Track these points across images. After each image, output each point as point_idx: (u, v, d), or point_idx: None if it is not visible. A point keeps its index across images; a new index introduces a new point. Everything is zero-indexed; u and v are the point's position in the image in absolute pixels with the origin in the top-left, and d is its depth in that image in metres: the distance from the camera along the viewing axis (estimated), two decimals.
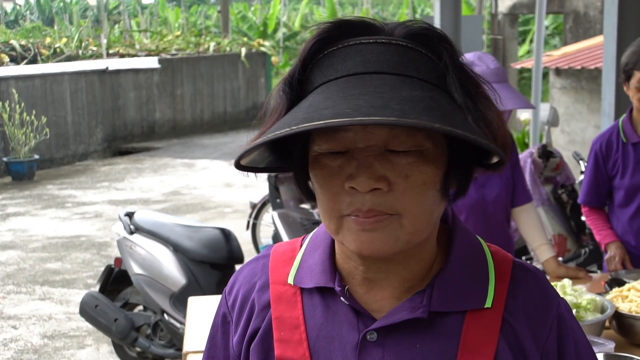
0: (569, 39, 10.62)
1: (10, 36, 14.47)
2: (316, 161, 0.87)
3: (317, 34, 0.87)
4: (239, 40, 16.30)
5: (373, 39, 0.85)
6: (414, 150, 0.84)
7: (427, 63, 0.85)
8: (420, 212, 0.86)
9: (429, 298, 0.90)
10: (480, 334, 0.90)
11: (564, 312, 0.96)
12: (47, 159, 10.99)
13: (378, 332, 0.91)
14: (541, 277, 0.97)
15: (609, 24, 4.16)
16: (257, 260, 1.03)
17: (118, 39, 16.06)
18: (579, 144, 8.52)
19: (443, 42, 0.86)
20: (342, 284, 0.94)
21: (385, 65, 0.84)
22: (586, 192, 2.98)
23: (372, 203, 0.84)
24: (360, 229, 0.85)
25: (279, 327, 0.95)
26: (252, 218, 5.98)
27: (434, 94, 0.82)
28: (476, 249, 0.96)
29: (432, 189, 0.86)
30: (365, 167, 0.83)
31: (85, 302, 3.99)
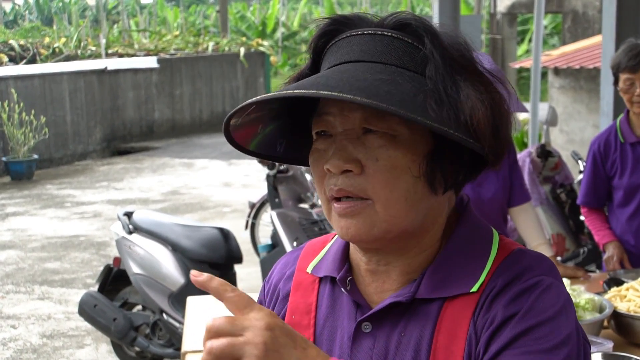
0: (567, 39, 10.62)
1: (9, 36, 14.47)
2: (313, 146, 0.92)
3: (320, 30, 0.92)
4: (237, 40, 16.31)
5: (361, 31, 0.90)
6: (387, 134, 0.86)
7: (410, 50, 0.88)
8: (392, 197, 0.87)
9: (418, 285, 0.91)
10: (456, 318, 0.89)
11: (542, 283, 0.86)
12: (46, 158, 10.99)
13: (372, 323, 0.92)
14: (536, 257, 0.91)
15: (608, 23, 4.17)
16: (294, 251, 1.08)
17: (117, 39, 16.06)
18: (577, 144, 8.53)
19: (426, 30, 0.88)
20: (347, 275, 0.96)
21: (367, 54, 0.88)
22: (585, 192, 2.98)
23: (343, 183, 0.87)
24: (338, 215, 0.89)
25: (292, 311, 0.99)
26: (251, 218, 5.98)
27: (401, 79, 0.85)
28: (482, 238, 0.93)
29: (406, 175, 0.87)
30: (338, 150, 0.87)
31: (84, 302, 3.99)
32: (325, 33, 0.92)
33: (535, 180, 4.29)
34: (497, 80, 0.93)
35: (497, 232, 0.97)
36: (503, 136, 0.89)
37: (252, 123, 0.94)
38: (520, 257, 0.91)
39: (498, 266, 0.90)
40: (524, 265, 0.89)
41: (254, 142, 0.96)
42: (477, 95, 0.86)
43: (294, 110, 0.95)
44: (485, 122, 0.86)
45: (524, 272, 0.88)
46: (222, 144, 12.44)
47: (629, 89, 2.71)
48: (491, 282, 0.89)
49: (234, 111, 0.89)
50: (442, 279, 0.90)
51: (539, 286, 0.87)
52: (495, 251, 0.92)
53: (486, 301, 0.87)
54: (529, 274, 0.88)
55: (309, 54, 0.94)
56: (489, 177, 2.70)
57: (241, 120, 0.91)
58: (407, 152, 0.86)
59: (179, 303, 3.73)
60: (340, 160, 0.86)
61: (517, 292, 0.86)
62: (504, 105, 0.91)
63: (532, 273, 0.88)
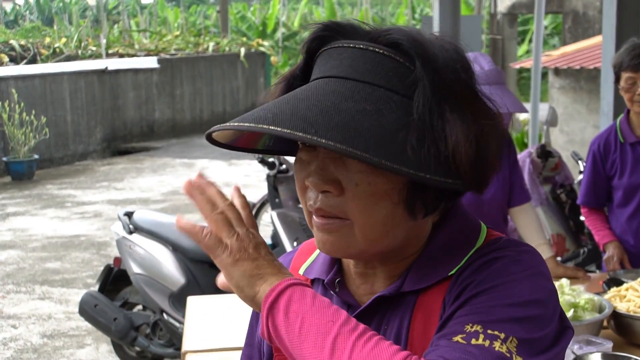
0: (568, 39, 10.62)
1: (9, 36, 14.48)
2: (298, 153, 0.92)
3: (311, 35, 0.92)
4: (238, 40, 16.31)
5: (353, 44, 0.88)
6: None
7: (400, 71, 0.85)
8: (371, 223, 0.86)
9: (402, 280, 0.92)
10: (429, 303, 0.89)
11: (506, 254, 0.87)
12: (46, 158, 10.99)
13: (361, 321, 0.92)
14: (516, 241, 0.91)
15: (608, 23, 4.17)
16: (288, 254, 1.09)
17: (117, 39, 16.06)
18: (577, 144, 8.52)
19: (418, 53, 0.85)
20: (336, 277, 0.97)
21: (356, 72, 0.86)
22: (585, 192, 2.98)
23: (322, 203, 0.87)
24: (317, 229, 0.90)
25: None
26: None
27: (385, 107, 0.83)
28: (469, 232, 0.93)
29: (385, 202, 0.86)
30: (320, 169, 0.87)
31: (85, 302, 3.99)
32: (318, 38, 0.91)
33: (536, 180, 4.29)
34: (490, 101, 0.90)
35: (485, 227, 0.96)
36: (486, 166, 0.87)
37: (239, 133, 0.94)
38: (498, 242, 0.90)
39: (475, 251, 0.90)
40: (500, 245, 0.89)
41: (261, 142, 0.97)
42: (463, 129, 0.83)
43: None
44: (467, 157, 0.83)
45: (497, 248, 0.88)
46: None
47: (630, 88, 2.71)
48: (465, 265, 0.88)
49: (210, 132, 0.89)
50: (425, 272, 0.91)
51: (506, 256, 0.86)
52: (482, 242, 0.92)
53: (457, 282, 0.87)
54: (502, 249, 0.88)
55: (302, 55, 0.94)
56: None
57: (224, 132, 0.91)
58: (387, 181, 0.85)
59: (179, 303, 3.73)
60: (320, 181, 0.86)
61: (482, 263, 0.86)
62: (494, 134, 0.87)
63: (506, 248, 0.88)
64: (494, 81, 2.58)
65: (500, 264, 0.86)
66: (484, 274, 0.86)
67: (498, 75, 2.62)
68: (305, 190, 0.90)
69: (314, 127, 0.80)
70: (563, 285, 2.12)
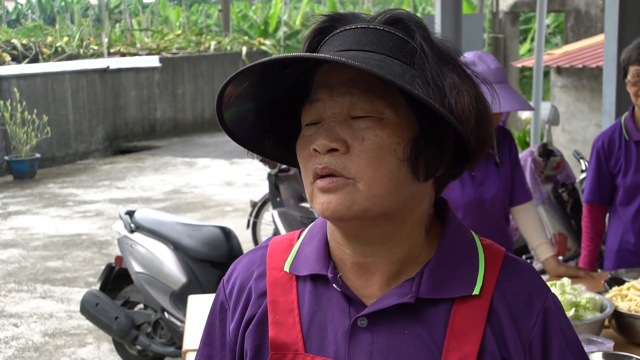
0: (570, 38, 10.61)
1: (11, 35, 14.48)
2: (300, 136, 0.95)
3: (316, 27, 0.96)
4: (239, 39, 16.30)
5: (354, 26, 0.93)
6: (373, 117, 0.89)
7: (400, 43, 0.91)
8: (376, 177, 0.89)
9: (418, 285, 0.93)
10: (467, 321, 0.92)
11: (551, 305, 0.96)
12: (48, 157, 11.00)
13: (368, 318, 0.93)
14: (531, 271, 0.98)
15: (610, 22, 4.16)
16: (255, 250, 1.07)
17: (119, 38, 16.07)
18: (579, 143, 8.51)
19: (417, 25, 0.92)
20: (335, 272, 0.97)
21: (359, 44, 0.91)
22: (589, 190, 2.96)
23: (328, 162, 0.89)
24: (320, 191, 0.90)
25: (274, 310, 0.98)
26: (253, 217, 5.98)
27: (390, 62, 0.89)
28: (468, 240, 0.97)
29: (391, 156, 0.89)
30: (325, 130, 0.90)
31: (86, 301, 3.99)
32: (321, 30, 0.95)
33: (537, 179, 4.28)
34: (484, 83, 0.96)
35: (474, 233, 1.01)
36: (485, 128, 0.92)
37: (243, 112, 0.96)
38: (516, 267, 0.97)
39: (499, 275, 0.95)
40: (529, 281, 0.97)
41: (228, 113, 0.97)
42: (462, 85, 0.90)
43: (283, 104, 0.97)
44: (468, 109, 0.89)
45: (532, 290, 0.96)
46: (224, 143, 12.44)
47: (636, 82, 2.70)
48: (499, 292, 0.94)
49: (234, 75, 0.92)
50: (441, 278, 0.93)
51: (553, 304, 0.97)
52: (482, 252, 0.97)
53: (502, 315, 0.93)
54: (539, 294, 0.96)
55: (303, 48, 0.96)
56: (490, 177, 2.70)
57: (233, 100, 0.94)
58: (392, 135, 0.89)
59: (181, 302, 3.73)
60: (326, 140, 0.89)
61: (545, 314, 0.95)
62: (487, 102, 0.94)
63: (540, 288, 0.97)
64: (501, 79, 2.61)
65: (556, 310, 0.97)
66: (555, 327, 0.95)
67: (503, 73, 2.65)
68: (309, 160, 0.92)
69: (336, 56, 0.85)
70: (564, 284, 2.12)
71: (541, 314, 0.94)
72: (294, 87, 0.95)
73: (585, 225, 2.99)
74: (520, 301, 0.94)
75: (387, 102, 0.89)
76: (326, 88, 0.91)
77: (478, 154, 0.93)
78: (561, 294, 2.06)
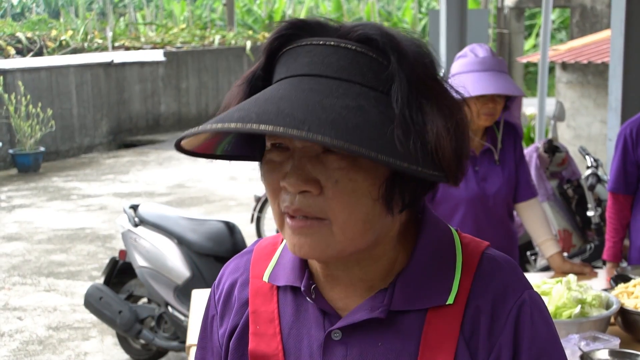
0: (575, 33, 10.57)
1: (16, 29, 14.48)
2: (266, 155, 0.89)
3: (275, 33, 0.88)
4: (244, 34, 16.29)
5: (323, 41, 0.85)
6: (348, 157, 0.83)
7: (375, 68, 0.84)
8: (351, 220, 0.85)
9: (390, 297, 0.90)
10: (441, 331, 0.89)
11: (526, 302, 0.91)
12: (52, 151, 11.02)
13: (342, 331, 0.92)
14: (508, 268, 0.93)
15: (617, 18, 4.13)
16: (242, 255, 1.05)
17: (123, 32, 16.06)
18: (584, 139, 8.49)
19: (392, 48, 0.84)
20: (310, 283, 0.94)
21: (329, 69, 0.84)
22: (614, 179, 2.88)
23: (300, 203, 0.84)
24: (292, 232, 0.86)
25: (255, 320, 0.97)
26: (257, 211, 5.98)
27: (366, 103, 0.81)
28: (445, 243, 0.94)
29: (366, 198, 0.85)
30: (297, 169, 0.84)
31: (90, 294, 4.00)
32: (282, 36, 0.87)
33: (542, 175, 4.27)
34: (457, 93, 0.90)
35: (455, 231, 0.96)
36: (463, 157, 0.87)
37: (210, 137, 0.91)
38: (492, 268, 0.92)
39: (473, 279, 0.91)
40: (503, 282, 0.91)
41: (220, 147, 0.93)
42: (442, 122, 0.84)
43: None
44: (449, 150, 0.84)
45: (506, 291, 0.91)
46: None
47: None
48: (472, 298, 0.90)
49: (182, 137, 0.86)
50: (414, 289, 0.90)
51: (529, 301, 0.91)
52: (461, 255, 0.93)
53: (475, 322, 0.89)
54: (512, 294, 0.91)
55: (263, 54, 0.90)
56: (494, 172, 2.69)
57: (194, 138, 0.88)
58: (367, 176, 0.84)
59: (184, 296, 3.73)
60: (299, 181, 0.83)
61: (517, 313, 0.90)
62: (466, 128, 0.89)
63: (514, 287, 0.91)
64: (489, 68, 2.56)
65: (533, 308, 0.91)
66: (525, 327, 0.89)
67: (494, 62, 2.58)
68: (278, 191, 0.87)
69: (306, 124, 0.76)
70: (570, 281, 2.11)
71: (514, 311, 0.89)
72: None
73: (610, 216, 2.92)
74: (494, 302, 0.90)
75: None
76: None
77: (457, 182, 0.88)
78: (567, 290, 2.05)
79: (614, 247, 2.89)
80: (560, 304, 2.01)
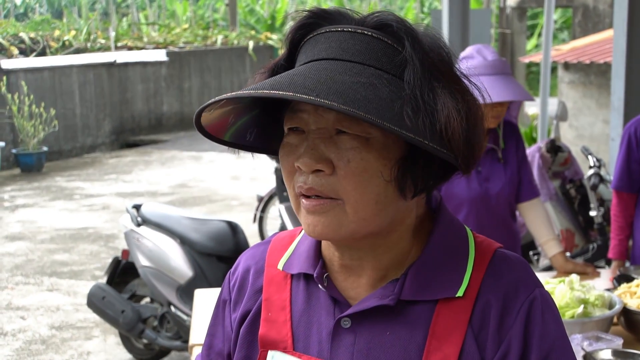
0: (577, 33, 10.56)
1: (19, 29, 14.49)
2: (284, 140, 0.92)
3: (297, 23, 0.92)
4: (246, 34, 16.29)
5: (341, 28, 0.89)
6: (360, 136, 0.86)
7: (389, 52, 0.87)
8: (363, 200, 0.87)
9: (401, 287, 0.92)
10: (449, 322, 0.91)
11: (537, 299, 0.92)
12: (55, 151, 11.03)
13: (352, 319, 0.93)
14: (518, 266, 0.95)
15: (619, 18, 4.13)
16: (259, 245, 1.08)
17: (126, 32, 16.06)
18: (586, 139, 8.48)
19: (407, 33, 0.87)
20: (323, 271, 0.97)
21: (346, 53, 0.87)
22: (619, 177, 2.89)
23: (313, 182, 0.87)
24: (307, 212, 0.89)
25: (268, 307, 0.99)
26: (259, 211, 5.98)
27: (378, 82, 0.84)
28: (459, 239, 0.96)
29: (377, 179, 0.87)
30: (310, 149, 0.87)
31: (93, 294, 4.00)
32: (303, 26, 0.91)
33: (545, 175, 4.27)
34: (473, 85, 0.92)
35: (469, 229, 0.98)
36: (476, 144, 0.89)
37: (224, 115, 0.93)
38: (503, 264, 0.94)
39: (485, 274, 0.92)
40: (514, 279, 0.93)
41: (228, 133, 0.95)
42: (453, 103, 0.86)
43: (267, 100, 0.94)
44: (459, 131, 0.85)
45: (517, 287, 0.92)
46: None
47: None
48: (483, 293, 0.91)
49: (206, 105, 0.88)
50: (426, 280, 0.92)
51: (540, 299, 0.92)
52: (473, 251, 0.95)
53: (485, 316, 0.91)
54: (523, 290, 0.92)
55: (285, 46, 0.93)
56: (496, 172, 2.69)
57: (214, 111, 0.91)
58: (379, 156, 0.86)
59: (187, 296, 3.74)
60: (311, 160, 0.86)
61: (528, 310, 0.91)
62: (479, 113, 0.91)
63: (526, 284, 0.92)
64: (499, 71, 2.57)
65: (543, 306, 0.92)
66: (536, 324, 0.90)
67: (502, 65, 2.59)
68: (293, 173, 0.89)
69: (315, 92, 0.80)
70: (573, 281, 2.11)
71: (524, 306, 0.91)
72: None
73: (614, 214, 2.92)
74: (506, 297, 0.91)
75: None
76: None
77: (469, 167, 0.90)
78: (570, 290, 2.05)
79: (619, 245, 2.89)
80: (563, 303, 2.01)
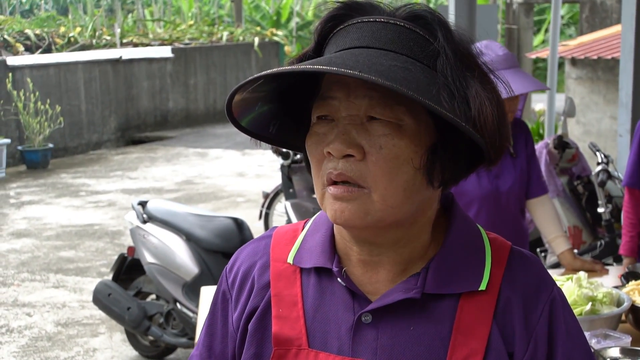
0: (585, 29, 10.51)
1: (25, 25, 14.51)
2: (311, 129, 0.91)
3: (327, 14, 0.92)
4: (252, 30, 16.27)
5: (373, 18, 0.89)
6: (392, 123, 0.86)
7: (422, 43, 0.88)
8: (392, 187, 0.87)
9: (424, 280, 0.92)
10: (474, 316, 0.91)
11: (557, 299, 0.94)
12: (61, 147, 11.05)
13: (373, 314, 0.92)
14: (537, 264, 0.97)
15: (627, 13, 4.10)
16: (259, 240, 1.05)
17: (132, 29, 16.07)
18: (594, 135, 8.44)
19: (440, 24, 0.89)
20: (340, 266, 0.95)
21: (378, 42, 0.87)
22: (630, 173, 2.87)
23: (343, 168, 0.87)
24: (333, 198, 0.88)
25: (278, 303, 0.97)
26: (265, 208, 5.98)
27: (414, 68, 0.85)
28: (474, 234, 0.96)
29: (407, 166, 0.87)
30: (341, 134, 0.87)
31: (99, 291, 4.01)
32: (334, 17, 0.91)
33: (552, 171, 4.24)
34: (498, 79, 0.94)
35: (481, 227, 1.00)
36: (504, 135, 0.90)
37: (251, 101, 0.93)
38: (522, 262, 0.96)
39: (506, 268, 0.93)
40: (535, 276, 0.95)
41: (247, 118, 0.95)
42: (485, 93, 0.87)
43: (292, 93, 0.94)
44: (491, 119, 0.87)
45: (538, 285, 0.94)
46: (236, 134, 12.43)
47: None
48: (504, 288, 0.93)
49: (243, 83, 0.88)
50: (448, 273, 0.92)
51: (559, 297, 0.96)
52: (489, 246, 0.95)
53: (507, 311, 0.92)
54: (544, 290, 0.94)
55: (314, 36, 0.93)
56: (506, 169, 2.68)
57: (244, 95, 0.90)
58: (410, 143, 0.87)
59: (193, 293, 3.74)
60: (343, 145, 0.86)
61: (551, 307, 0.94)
62: (503, 104, 0.92)
63: (546, 282, 0.95)
64: (511, 65, 2.59)
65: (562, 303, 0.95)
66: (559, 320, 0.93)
67: (513, 59, 2.62)
68: (322, 161, 0.89)
69: (357, 68, 0.80)
70: (581, 278, 2.09)
71: (547, 306, 0.93)
72: (301, 76, 0.93)
73: (626, 210, 2.90)
74: (526, 295, 0.93)
75: (407, 109, 0.86)
76: (342, 86, 0.87)
77: (497, 157, 0.91)
78: (578, 288, 2.03)
79: (630, 242, 2.88)
80: (571, 301, 1.99)
